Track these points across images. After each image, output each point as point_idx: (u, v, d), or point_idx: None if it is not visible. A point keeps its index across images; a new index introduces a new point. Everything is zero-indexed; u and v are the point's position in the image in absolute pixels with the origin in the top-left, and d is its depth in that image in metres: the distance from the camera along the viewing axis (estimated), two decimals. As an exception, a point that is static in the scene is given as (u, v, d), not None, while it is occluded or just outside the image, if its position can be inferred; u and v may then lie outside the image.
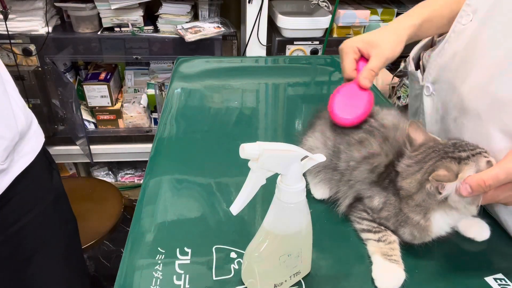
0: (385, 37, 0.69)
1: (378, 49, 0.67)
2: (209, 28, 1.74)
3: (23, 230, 0.80)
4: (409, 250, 0.58)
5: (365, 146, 0.61)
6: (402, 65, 1.46)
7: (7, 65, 1.07)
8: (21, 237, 0.80)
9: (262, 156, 0.42)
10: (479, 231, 0.61)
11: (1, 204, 0.74)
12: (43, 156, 0.85)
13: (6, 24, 1.54)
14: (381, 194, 0.58)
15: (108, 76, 1.89)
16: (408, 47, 0.73)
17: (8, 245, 0.79)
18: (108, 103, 1.91)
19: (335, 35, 1.84)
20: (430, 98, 0.73)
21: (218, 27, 1.75)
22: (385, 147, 0.60)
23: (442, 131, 0.71)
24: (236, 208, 0.45)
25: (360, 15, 1.80)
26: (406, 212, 0.55)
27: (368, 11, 1.81)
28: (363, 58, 0.69)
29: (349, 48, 0.69)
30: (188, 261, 0.57)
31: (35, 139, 0.82)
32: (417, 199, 0.54)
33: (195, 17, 1.85)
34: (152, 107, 1.96)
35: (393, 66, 1.65)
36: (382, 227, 0.59)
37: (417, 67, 0.82)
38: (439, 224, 0.55)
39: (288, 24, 1.75)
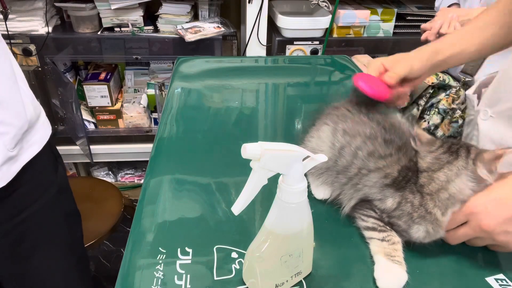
0: (407, 54, 0.72)
1: (400, 61, 0.71)
2: (209, 28, 1.74)
3: (27, 221, 0.82)
4: (411, 251, 0.58)
5: (384, 159, 0.60)
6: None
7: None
8: (26, 227, 0.82)
9: (263, 156, 0.42)
10: None
11: (8, 193, 0.76)
12: (49, 149, 0.88)
13: (6, 24, 1.54)
14: (395, 195, 0.58)
15: (108, 76, 1.89)
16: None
17: (13, 235, 0.81)
18: (108, 103, 1.91)
19: (335, 35, 1.84)
20: (488, 122, 0.76)
21: (218, 27, 1.75)
22: (400, 155, 0.60)
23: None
24: (237, 208, 0.45)
25: (360, 15, 1.80)
26: (428, 208, 0.55)
27: (368, 11, 1.81)
28: None
29: (374, 62, 0.72)
30: (189, 261, 0.57)
31: (43, 130, 0.85)
32: (451, 189, 0.54)
33: (195, 17, 1.85)
34: (152, 107, 1.96)
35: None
36: (388, 227, 0.59)
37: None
38: None
39: (288, 24, 1.75)
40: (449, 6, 1.13)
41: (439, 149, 0.58)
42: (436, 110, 1.18)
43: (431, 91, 1.21)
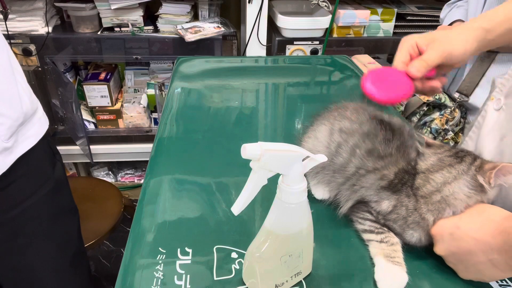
0: (448, 33, 0.63)
1: (437, 42, 0.61)
2: (209, 28, 1.74)
3: (23, 215, 0.82)
4: (410, 252, 0.58)
5: (383, 160, 0.60)
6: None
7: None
8: (21, 221, 0.83)
9: (263, 156, 0.42)
10: None
11: (3, 186, 0.77)
12: (47, 144, 0.88)
13: (6, 24, 1.54)
14: (391, 198, 0.58)
15: (108, 76, 1.89)
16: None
17: (8, 229, 0.82)
18: (108, 103, 1.91)
19: (335, 35, 1.84)
20: (497, 113, 0.70)
21: (218, 27, 1.75)
22: (399, 156, 0.60)
23: (497, 153, 0.68)
24: (237, 208, 0.45)
25: (360, 15, 1.80)
26: (422, 213, 0.55)
27: (368, 11, 1.81)
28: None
29: (406, 42, 0.65)
30: (189, 261, 0.57)
31: (39, 125, 0.85)
32: (445, 192, 0.54)
33: (195, 17, 1.85)
34: (152, 107, 1.96)
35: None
36: (385, 228, 0.59)
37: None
38: None
39: (288, 24, 1.75)
40: (451, 24, 1.11)
41: (446, 152, 0.57)
42: (428, 129, 1.16)
43: (425, 109, 1.18)
